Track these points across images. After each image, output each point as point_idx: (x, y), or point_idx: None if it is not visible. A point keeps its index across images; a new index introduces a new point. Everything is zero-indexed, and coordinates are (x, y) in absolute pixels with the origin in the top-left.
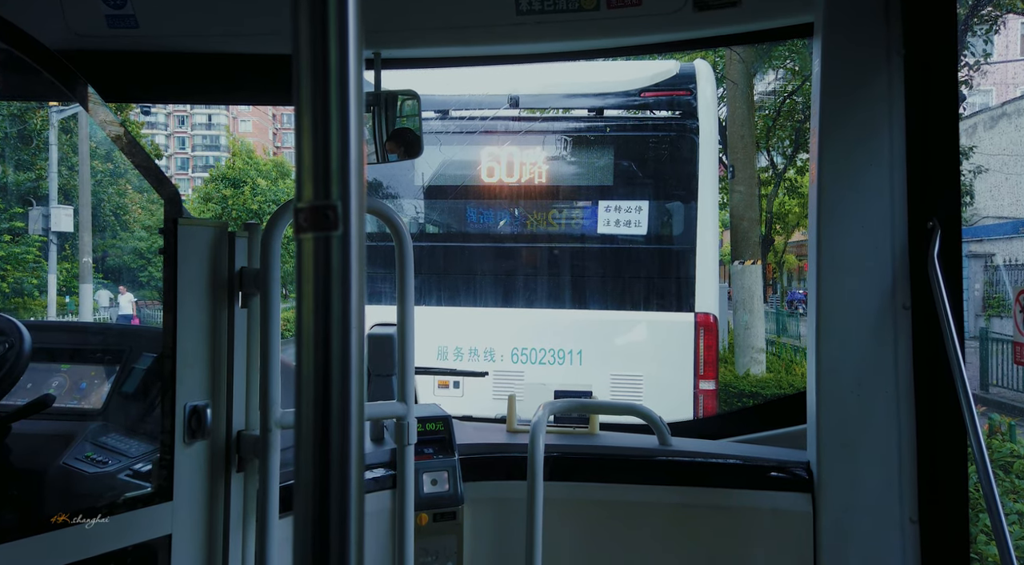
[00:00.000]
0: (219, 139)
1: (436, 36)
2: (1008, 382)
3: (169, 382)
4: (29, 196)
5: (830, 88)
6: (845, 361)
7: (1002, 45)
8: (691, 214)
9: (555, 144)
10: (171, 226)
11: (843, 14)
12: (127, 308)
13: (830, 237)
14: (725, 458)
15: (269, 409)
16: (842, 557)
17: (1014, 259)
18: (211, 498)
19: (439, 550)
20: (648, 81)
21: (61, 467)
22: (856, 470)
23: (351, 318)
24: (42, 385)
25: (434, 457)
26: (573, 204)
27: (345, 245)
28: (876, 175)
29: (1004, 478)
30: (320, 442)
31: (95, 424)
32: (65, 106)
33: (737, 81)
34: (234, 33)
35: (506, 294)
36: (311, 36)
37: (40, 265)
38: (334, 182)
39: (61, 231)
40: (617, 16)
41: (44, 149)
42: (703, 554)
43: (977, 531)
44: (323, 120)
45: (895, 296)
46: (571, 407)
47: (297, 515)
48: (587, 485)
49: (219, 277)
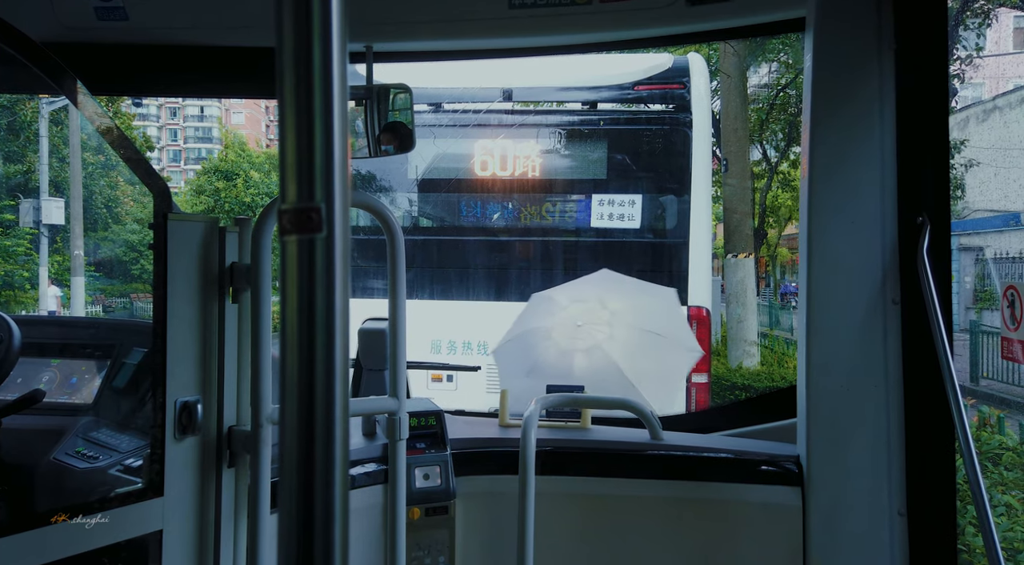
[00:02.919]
0: (211, 131)
1: (428, 29)
2: (998, 375)
3: (160, 377)
4: (17, 191)
5: (821, 82)
6: (835, 356)
7: (994, 39)
8: (684, 207)
9: (548, 138)
10: (161, 221)
11: (835, 8)
12: (52, 303)
13: (821, 232)
14: (716, 452)
15: (260, 405)
16: (831, 550)
17: (1004, 252)
18: (202, 494)
19: (431, 544)
20: (642, 74)
21: (52, 462)
22: (845, 464)
23: (335, 320)
24: (32, 380)
25: (426, 452)
26: (567, 198)
27: (329, 247)
28: (867, 170)
29: (993, 470)
30: (304, 444)
31: (86, 419)
32: (55, 98)
33: (731, 74)
34: (224, 26)
35: (500, 288)
36: (294, 32)
37: (31, 258)
38: (318, 183)
39: (52, 224)
40: (610, 10)
41: (34, 141)
42: (694, 547)
43: (965, 523)
44: (307, 120)
45: (884, 291)
46: (563, 401)
47: (281, 513)
48: (579, 479)
49: (209, 272)
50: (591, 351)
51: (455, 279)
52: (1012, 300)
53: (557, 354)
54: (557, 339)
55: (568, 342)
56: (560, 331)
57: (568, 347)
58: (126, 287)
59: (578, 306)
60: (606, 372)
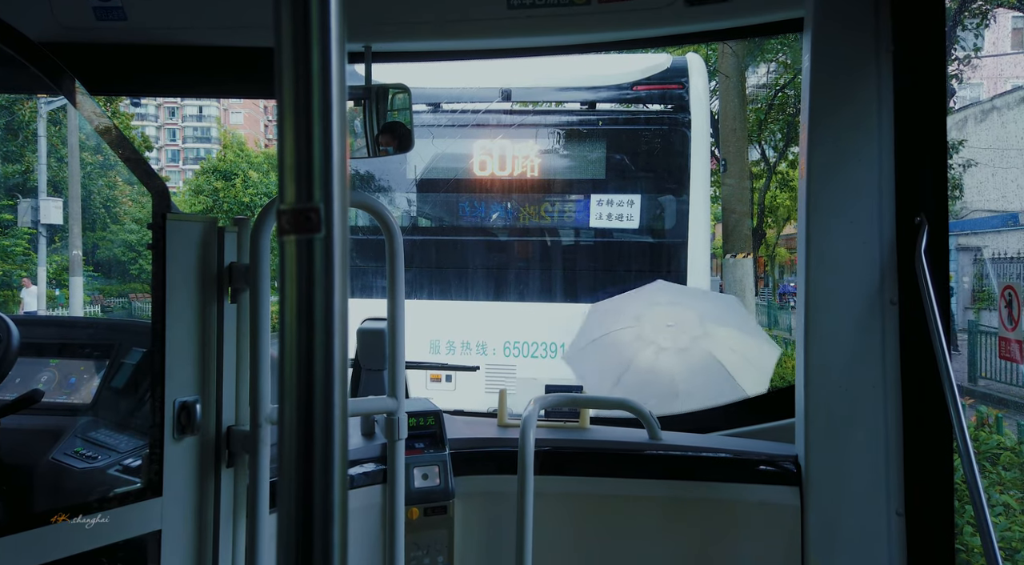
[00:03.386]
0: (210, 131)
1: (427, 30)
2: (996, 374)
3: (158, 377)
4: (15, 191)
5: (819, 83)
6: (833, 356)
7: (992, 39)
8: (683, 207)
9: (547, 138)
10: (160, 221)
11: (833, 9)
12: (31, 303)
13: (819, 232)
14: (714, 452)
15: (259, 404)
16: (829, 550)
17: (1002, 253)
18: (201, 494)
19: (430, 544)
20: (640, 75)
21: (50, 462)
22: (843, 463)
23: (334, 320)
24: (31, 380)
25: (425, 451)
26: (565, 198)
27: (328, 247)
28: (865, 170)
29: (991, 470)
30: (303, 444)
31: (84, 419)
32: (53, 98)
33: (729, 74)
34: (223, 26)
35: (498, 288)
36: (293, 32)
37: (29, 258)
38: (317, 184)
39: (51, 223)
40: (608, 10)
41: (33, 141)
42: (692, 547)
43: (963, 522)
44: (305, 120)
45: (882, 291)
46: (562, 401)
47: (280, 513)
48: (577, 479)
49: (208, 272)
50: (687, 350)
51: (454, 279)
52: (1010, 300)
53: (651, 354)
54: (647, 340)
55: (661, 342)
56: (649, 332)
57: (663, 346)
58: (124, 287)
59: (656, 309)
60: (706, 367)
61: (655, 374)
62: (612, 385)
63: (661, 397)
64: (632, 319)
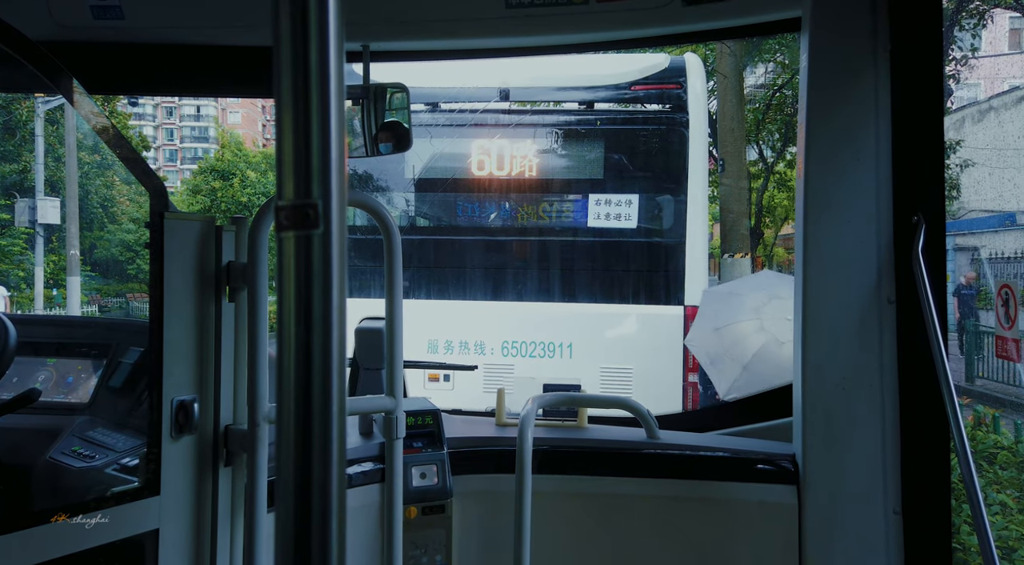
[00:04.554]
0: (208, 130)
1: (425, 29)
2: (993, 374)
3: (156, 376)
4: (13, 190)
5: (817, 83)
6: (830, 355)
7: (990, 40)
8: (681, 207)
9: (545, 137)
10: (157, 220)
11: (830, 9)
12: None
13: (816, 231)
14: (712, 451)
15: (257, 404)
16: (827, 548)
17: (999, 253)
18: (199, 493)
19: (428, 543)
20: (638, 74)
21: (48, 462)
22: (841, 462)
23: (332, 316)
24: (28, 379)
25: (423, 451)
26: (563, 197)
27: (326, 243)
28: (862, 170)
29: (988, 469)
30: (301, 443)
31: (82, 418)
32: (51, 97)
33: (727, 74)
34: (221, 25)
35: (496, 287)
36: (291, 31)
37: (26, 257)
38: (315, 180)
39: (48, 223)
40: (606, 10)
41: (30, 140)
42: (690, 546)
43: (960, 521)
44: (304, 117)
45: (880, 290)
46: (560, 400)
47: (279, 512)
48: (575, 478)
49: (206, 271)
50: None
51: (452, 279)
52: (1006, 299)
53: (773, 348)
54: (768, 333)
55: (780, 336)
56: (769, 325)
57: (781, 341)
58: (122, 286)
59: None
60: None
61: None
62: (739, 372)
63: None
64: (751, 312)
